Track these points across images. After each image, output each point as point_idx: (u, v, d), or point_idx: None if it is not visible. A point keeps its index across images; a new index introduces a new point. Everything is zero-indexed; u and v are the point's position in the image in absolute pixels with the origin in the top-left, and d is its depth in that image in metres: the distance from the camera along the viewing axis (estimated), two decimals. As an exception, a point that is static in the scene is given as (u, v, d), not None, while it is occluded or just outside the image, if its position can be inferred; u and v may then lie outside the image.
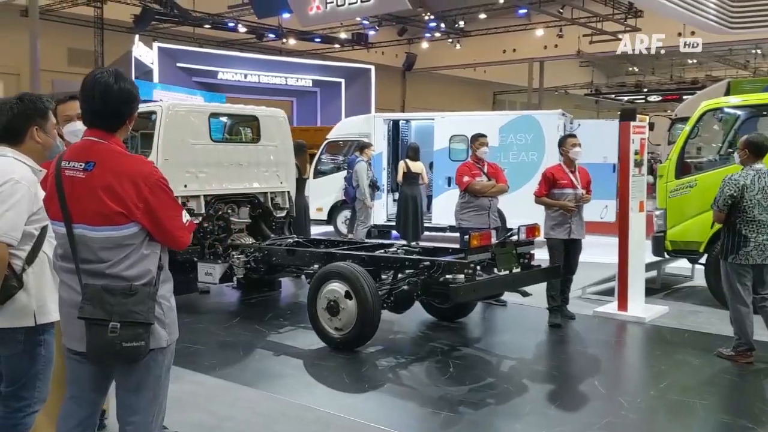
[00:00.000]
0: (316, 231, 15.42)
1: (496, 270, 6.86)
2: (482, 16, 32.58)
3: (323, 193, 14.18)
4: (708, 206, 8.41)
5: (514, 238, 7.18)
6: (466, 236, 6.55)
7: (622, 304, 8.08)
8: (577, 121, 13.98)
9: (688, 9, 17.55)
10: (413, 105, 40.62)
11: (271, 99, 36.82)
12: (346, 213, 13.65)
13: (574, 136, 8.16)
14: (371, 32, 34.74)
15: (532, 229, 7.16)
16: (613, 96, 45.94)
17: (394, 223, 13.35)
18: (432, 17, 32.72)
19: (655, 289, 9.54)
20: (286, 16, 28.74)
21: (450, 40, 36.08)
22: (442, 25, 33.36)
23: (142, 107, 8.44)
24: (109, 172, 2.92)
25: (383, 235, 14.05)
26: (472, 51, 37.98)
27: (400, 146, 14.66)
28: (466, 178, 8.38)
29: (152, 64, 30.20)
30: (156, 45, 30.52)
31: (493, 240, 6.71)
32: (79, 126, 3.86)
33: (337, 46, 35.46)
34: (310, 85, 34.08)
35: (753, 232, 6.04)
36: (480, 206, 8.40)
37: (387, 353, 6.75)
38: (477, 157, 8.59)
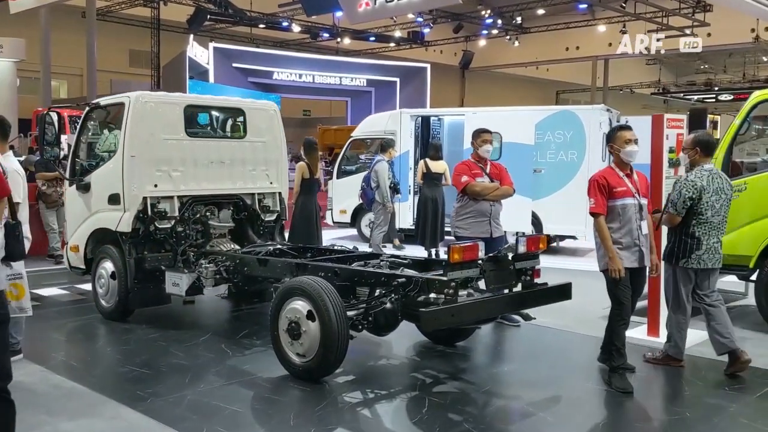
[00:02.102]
0: (339, 234, 14.42)
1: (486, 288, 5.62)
2: (540, 12, 30.93)
3: (347, 194, 13.02)
4: (762, 213, 7.02)
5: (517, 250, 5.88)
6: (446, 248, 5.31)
7: (653, 329, 6.71)
8: (625, 117, 12.45)
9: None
10: (472, 105, 39.17)
11: (325, 99, 36.20)
12: (371, 216, 12.48)
13: (629, 128, 5.74)
14: (426, 30, 33.47)
15: (536, 240, 5.86)
16: (682, 95, 43.32)
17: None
18: (488, 14, 31.26)
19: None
20: (339, 14, 27.87)
21: (508, 38, 34.53)
22: (499, 21, 31.86)
23: (110, 99, 7.54)
24: None
25: (409, 239, 12.83)
26: (532, 48, 36.35)
27: (428, 145, 13.39)
28: (464, 178, 7.13)
29: (208, 64, 29.76)
30: (212, 45, 30.06)
31: (481, 253, 5.44)
32: None
33: (392, 44, 34.37)
34: (365, 84, 33.13)
35: (705, 235, 5.70)
36: (480, 212, 7.13)
37: (356, 385, 5.58)
38: (479, 156, 7.32)
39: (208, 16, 29.58)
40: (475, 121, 12.39)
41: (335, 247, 7.39)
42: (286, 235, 8.85)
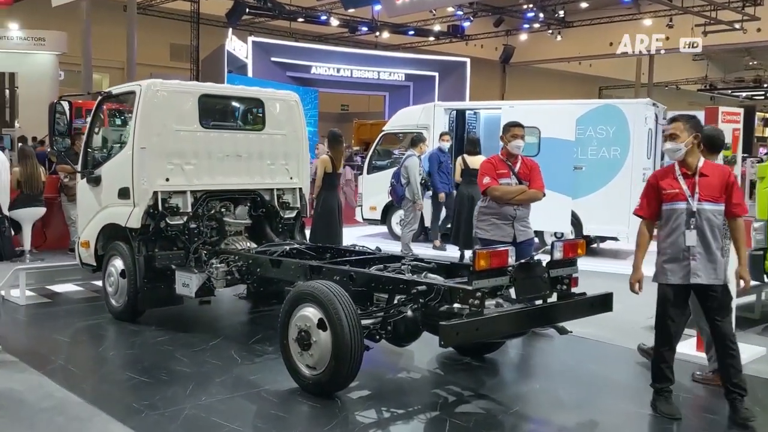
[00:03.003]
0: (368, 232, 13.87)
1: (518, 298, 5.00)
2: (584, 5, 29.93)
3: (377, 190, 12.41)
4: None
5: (547, 256, 5.25)
6: (471, 253, 4.70)
7: (702, 343, 6.01)
8: (671, 112, 11.64)
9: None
10: (513, 100, 38.25)
11: (363, 94, 35.66)
12: (402, 213, 11.88)
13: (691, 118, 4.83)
14: (466, 24, 32.69)
15: (573, 246, 5.22)
16: (730, 92, 41.76)
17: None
18: (530, 7, 30.37)
19: (754, 320, 7.32)
20: (378, 8, 27.34)
21: (550, 32, 33.59)
22: (541, 15, 30.95)
23: (122, 87, 7.09)
24: None
25: (445, 237, 12.22)
26: (575, 43, 35.32)
27: (465, 140, 12.74)
28: (486, 179, 6.42)
29: (246, 58, 29.45)
30: (250, 39, 29.75)
31: (512, 259, 4.82)
32: None
33: (431, 38, 33.69)
34: (403, 79, 32.47)
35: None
36: (502, 215, 6.43)
37: (371, 402, 5.03)
38: (508, 152, 6.61)
39: (247, 10, 29.27)
40: (513, 115, 11.70)
41: (356, 248, 6.83)
42: (308, 233, 8.34)
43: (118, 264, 6.89)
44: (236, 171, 7.14)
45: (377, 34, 32.86)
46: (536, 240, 7.11)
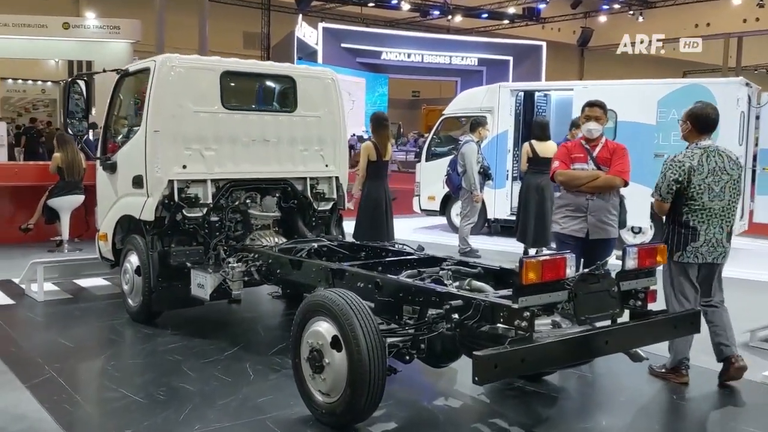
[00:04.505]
0: (427, 223, 12.85)
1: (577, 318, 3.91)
2: (668, -17, 27.85)
3: (436, 178, 11.34)
4: None
5: (615, 264, 4.13)
6: (517, 262, 3.63)
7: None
8: (767, 93, 10.16)
9: None
10: (590, 84, 36.36)
11: (434, 79, 34.48)
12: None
13: None
14: (542, 6, 31.05)
15: (651, 252, 4.08)
16: (828, 74, 38.59)
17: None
18: (610, -13, 28.53)
19: None
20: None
21: (631, 13, 31.56)
22: (621, -5, 29.04)
23: (138, 63, 6.29)
24: None
25: (506, 231, 11.11)
26: (657, 25, 33.09)
27: (532, 124, 11.51)
28: (555, 164, 5.51)
29: (317, 44, 28.80)
30: (321, 25, 29.07)
31: (571, 269, 3.73)
32: None
33: (506, 22, 32.18)
34: (476, 64, 31.18)
35: (703, 224, 4.79)
36: (575, 206, 5.44)
37: (394, 440, 4.07)
38: (586, 136, 5.58)
39: (318, -4, 28.60)
40: (586, 97, 10.43)
41: (395, 247, 5.83)
42: (351, 226, 7.42)
43: (133, 260, 6.13)
44: (264, 158, 6.26)
45: (449, 17, 31.61)
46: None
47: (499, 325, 3.77)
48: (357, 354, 3.84)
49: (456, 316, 3.86)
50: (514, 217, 10.60)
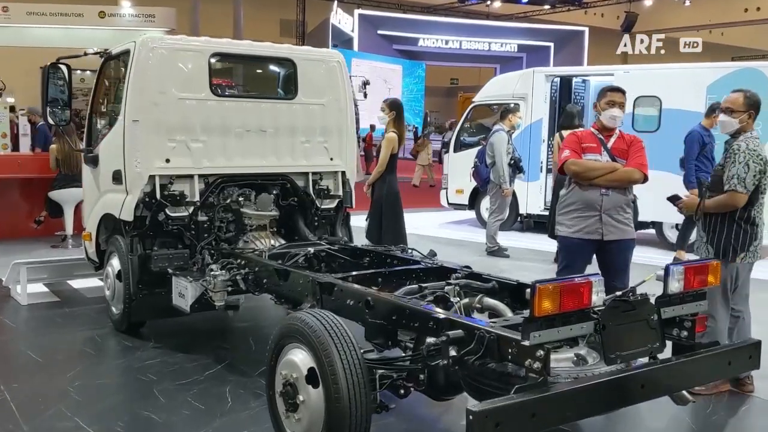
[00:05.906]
0: (454, 218, 12.02)
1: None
2: (718, -35, 26.34)
3: (465, 170, 10.49)
4: None
5: (649, 287, 3.27)
6: (529, 287, 2.81)
7: None
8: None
9: None
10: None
11: (473, 66, 33.42)
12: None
13: None
14: (584, -10, 29.77)
15: (702, 270, 3.23)
16: None
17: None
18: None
19: None
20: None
21: (678, -3, 30.02)
22: (668, -22, 27.59)
23: (121, 45, 5.59)
24: None
25: (539, 227, 10.22)
26: (705, 9, 31.58)
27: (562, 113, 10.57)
28: (565, 153, 4.73)
29: (352, 32, 28.07)
30: (357, 12, 28.32)
31: (597, 296, 2.91)
32: None
33: (546, 7, 30.94)
34: (515, 50, 30.07)
35: (763, 220, 4.42)
36: (586, 202, 4.68)
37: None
38: (602, 125, 4.79)
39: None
40: (627, 82, 9.48)
41: (401, 253, 5.03)
42: (364, 224, 6.67)
43: (115, 264, 5.46)
44: (260, 150, 5.52)
45: (488, 3, 30.51)
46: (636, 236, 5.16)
47: (512, 365, 2.98)
48: (334, 392, 3.10)
49: (454, 351, 3.07)
50: (547, 213, 9.71)
